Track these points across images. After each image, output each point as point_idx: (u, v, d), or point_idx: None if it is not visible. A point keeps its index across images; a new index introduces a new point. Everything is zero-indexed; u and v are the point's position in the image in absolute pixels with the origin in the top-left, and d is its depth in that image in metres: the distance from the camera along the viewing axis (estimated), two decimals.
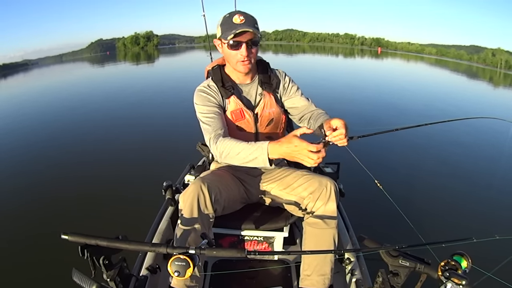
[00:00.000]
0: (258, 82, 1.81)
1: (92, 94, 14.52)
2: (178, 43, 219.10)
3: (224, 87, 1.73)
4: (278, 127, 1.85)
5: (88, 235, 1.12)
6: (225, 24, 1.59)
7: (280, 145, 1.37)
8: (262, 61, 1.86)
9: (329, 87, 13.66)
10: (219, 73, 1.78)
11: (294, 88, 1.89)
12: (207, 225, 1.57)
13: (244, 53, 1.59)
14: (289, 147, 1.35)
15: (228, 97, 1.72)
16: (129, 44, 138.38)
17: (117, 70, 31.95)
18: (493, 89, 22.22)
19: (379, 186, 1.64)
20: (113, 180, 4.83)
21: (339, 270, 1.84)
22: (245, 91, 1.79)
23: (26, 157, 6.18)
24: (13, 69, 77.98)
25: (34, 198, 4.36)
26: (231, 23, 1.56)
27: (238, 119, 1.73)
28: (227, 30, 1.57)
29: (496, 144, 6.69)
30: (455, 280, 1.01)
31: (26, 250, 3.21)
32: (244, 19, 1.56)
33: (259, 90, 1.80)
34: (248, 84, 1.80)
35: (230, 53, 1.63)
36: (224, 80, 1.75)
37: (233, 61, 1.65)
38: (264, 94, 1.78)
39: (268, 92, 1.79)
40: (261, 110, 1.76)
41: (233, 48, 1.60)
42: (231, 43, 1.58)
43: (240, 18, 1.56)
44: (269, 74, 1.83)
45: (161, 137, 6.60)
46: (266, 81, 1.80)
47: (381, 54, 66.53)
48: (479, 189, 4.66)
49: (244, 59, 1.62)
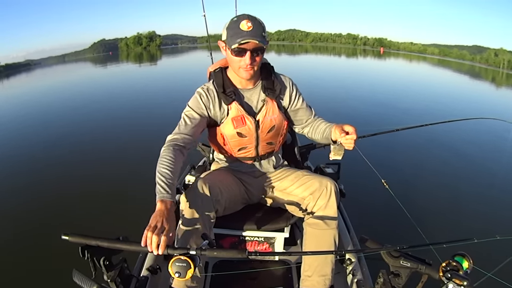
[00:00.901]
0: (261, 88, 1.75)
1: (93, 94, 14.51)
2: (180, 43, 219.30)
3: (225, 93, 1.68)
4: (279, 133, 1.82)
5: (88, 236, 1.12)
6: (232, 29, 1.52)
7: (160, 206, 1.31)
8: (267, 66, 1.80)
9: (329, 87, 13.69)
10: (221, 76, 1.73)
11: (300, 99, 1.86)
12: (208, 226, 1.57)
13: (248, 62, 1.54)
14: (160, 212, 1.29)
15: (230, 103, 1.67)
16: (132, 44, 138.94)
17: (119, 70, 31.97)
18: (495, 89, 22.14)
19: (385, 185, 1.63)
20: (113, 180, 4.82)
21: (340, 270, 1.83)
22: (246, 96, 1.74)
23: (26, 157, 6.18)
24: (16, 69, 78.13)
25: (34, 198, 4.35)
26: (238, 29, 1.50)
27: (239, 126, 1.69)
28: (232, 36, 1.51)
29: (497, 145, 6.67)
30: (456, 281, 1.01)
31: (26, 250, 3.20)
32: (252, 26, 1.49)
33: (262, 96, 1.74)
34: (250, 89, 1.74)
35: (233, 59, 1.57)
36: (225, 85, 1.70)
37: (236, 66, 1.60)
38: (267, 100, 1.73)
39: (271, 98, 1.73)
40: (262, 117, 1.72)
41: (237, 55, 1.54)
42: (237, 50, 1.52)
43: (248, 24, 1.49)
44: (272, 80, 1.77)
45: (161, 137, 6.47)
46: (270, 87, 1.74)
47: (384, 54, 66.38)
48: (480, 189, 4.64)
49: (246, 67, 1.56)
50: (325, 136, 1.75)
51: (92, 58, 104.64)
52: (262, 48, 1.56)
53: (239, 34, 1.49)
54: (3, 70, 73.41)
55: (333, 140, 1.64)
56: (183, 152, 1.55)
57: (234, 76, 1.73)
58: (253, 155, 1.83)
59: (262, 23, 1.55)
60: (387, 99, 11.53)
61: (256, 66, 1.61)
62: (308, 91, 1.92)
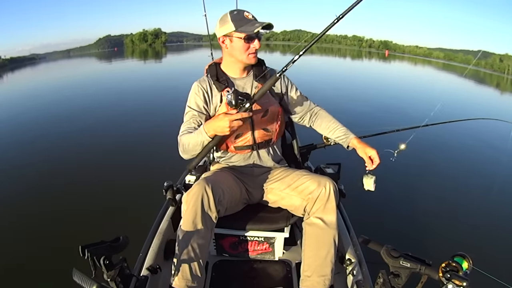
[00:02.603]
0: (253, 76, 1.88)
1: (96, 90, 14.55)
2: (186, 41, 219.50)
3: (219, 81, 1.81)
4: (274, 119, 1.87)
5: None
6: (240, 20, 1.67)
7: (211, 121, 1.59)
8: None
9: (330, 87, 13.69)
10: (214, 69, 1.85)
11: (293, 88, 1.98)
12: (210, 226, 1.58)
13: (258, 46, 1.72)
14: (216, 120, 1.55)
15: (223, 89, 1.78)
16: (137, 40, 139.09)
17: (123, 66, 32.02)
18: (499, 94, 22.06)
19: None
20: (113, 180, 4.80)
21: (340, 271, 1.83)
22: (240, 84, 1.85)
23: (27, 156, 6.17)
24: (21, 62, 78.13)
25: (34, 197, 4.35)
26: (245, 19, 1.68)
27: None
28: (246, 24, 1.67)
29: (498, 145, 6.65)
30: (456, 282, 1.02)
31: (25, 250, 3.20)
32: (251, 15, 1.70)
33: (254, 84, 1.86)
34: (243, 78, 1.87)
35: (242, 46, 1.71)
36: (219, 75, 1.83)
37: (245, 54, 1.73)
38: (258, 87, 1.81)
39: (262, 84, 1.78)
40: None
41: (248, 42, 1.69)
42: (252, 35, 1.67)
43: (251, 15, 1.70)
44: (264, 70, 1.89)
45: (162, 137, 6.41)
46: (261, 75, 1.85)
47: (389, 57, 66.22)
48: (480, 190, 4.63)
49: (255, 51, 1.74)
50: (334, 137, 1.92)
51: (97, 53, 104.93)
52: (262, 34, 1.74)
53: (251, 23, 1.67)
54: (8, 64, 73.52)
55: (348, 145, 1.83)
56: None
57: (228, 68, 1.87)
58: (251, 143, 1.85)
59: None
60: (388, 100, 11.51)
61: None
62: (309, 89, 1.93)
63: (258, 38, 1.70)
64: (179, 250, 1.50)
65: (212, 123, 1.57)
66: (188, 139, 1.66)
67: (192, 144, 1.65)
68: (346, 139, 1.84)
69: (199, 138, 1.61)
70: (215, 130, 1.56)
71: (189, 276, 1.48)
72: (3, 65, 67.14)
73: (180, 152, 1.75)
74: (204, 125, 1.61)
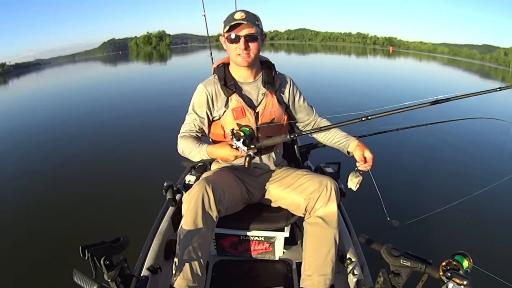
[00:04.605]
0: (261, 82, 1.82)
1: (98, 93, 14.70)
2: (190, 43, 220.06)
3: (226, 86, 1.76)
4: (279, 127, 1.85)
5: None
6: (227, 21, 1.65)
7: (215, 148, 1.64)
8: (268, 62, 1.88)
9: (329, 85, 13.71)
10: (223, 71, 1.81)
11: (301, 97, 1.94)
12: (211, 226, 1.58)
13: (242, 46, 1.63)
14: (220, 150, 1.61)
15: (230, 95, 1.74)
16: (142, 43, 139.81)
17: (127, 69, 32.23)
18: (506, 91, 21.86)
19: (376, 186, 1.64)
20: (113, 180, 4.82)
21: (340, 270, 1.83)
22: (247, 90, 1.80)
23: (27, 156, 6.25)
24: (26, 68, 78.80)
25: (35, 198, 4.38)
26: (232, 19, 1.61)
27: (239, 116, 1.73)
28: (227, 26, 1.62)
29: (498, 145, 6.59)
30: (456, 280, 1.01)
31: (26, 250, 3.22)
32: (244, 15, 1.62)
33: (262, 90, 1.81)
34: (251, 83, 1.81)
35: (230, 47, 1.68)
36: (227, 79, 1.78)
37: (233, 54, 1.69)
38: (266, 93, 1.79)
39: (270, 92, 1.80)
40: (262, 109, 1.77)
41: (232, 42, 1.65)
42: (232, 37, 1.63)
43: (241, 14, 1.62)
44: (273, 75, 1.84)
45: (162, 137, 6.38)
46: (270, 81, 1.81)
47: (393, 54, 66.02)
48: (480, 190, 4.60)
49: (241, 52, 1.64)
50: (340, 145, 1.84)
51: (102, 57, 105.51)
52: (256, 36, 1.65)
53: (232, 21, 1.60)
54: (13, 70, 74.21)
55: (348, 151, 1.78)
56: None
57: (235, 71, 1.80)
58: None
59: (257, 15, 1.68)
60: (388, 99, 11.46)
61: (253, 54, 1.68)
62: (309, 89, 1.91)
63: (244, 38, 1.62)
64: (179, 249, 1.50)
65: (216, 151, 1.63)
66: (188, 147, 1.72)
67: (191, 155, 1.73)
68: (346, 142, 1.79)
69: (199, 154, 1.70)
70: (217, 156, 1.66)
71: (189, 276, 1.48)
72: (8, 71, 68.00)
73: (178, 150, 1.80)
74: (207, 148, 1.66)
